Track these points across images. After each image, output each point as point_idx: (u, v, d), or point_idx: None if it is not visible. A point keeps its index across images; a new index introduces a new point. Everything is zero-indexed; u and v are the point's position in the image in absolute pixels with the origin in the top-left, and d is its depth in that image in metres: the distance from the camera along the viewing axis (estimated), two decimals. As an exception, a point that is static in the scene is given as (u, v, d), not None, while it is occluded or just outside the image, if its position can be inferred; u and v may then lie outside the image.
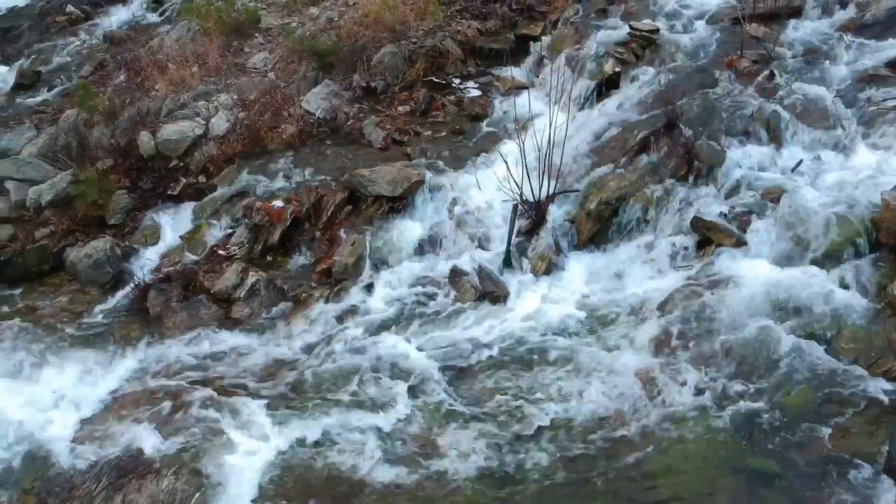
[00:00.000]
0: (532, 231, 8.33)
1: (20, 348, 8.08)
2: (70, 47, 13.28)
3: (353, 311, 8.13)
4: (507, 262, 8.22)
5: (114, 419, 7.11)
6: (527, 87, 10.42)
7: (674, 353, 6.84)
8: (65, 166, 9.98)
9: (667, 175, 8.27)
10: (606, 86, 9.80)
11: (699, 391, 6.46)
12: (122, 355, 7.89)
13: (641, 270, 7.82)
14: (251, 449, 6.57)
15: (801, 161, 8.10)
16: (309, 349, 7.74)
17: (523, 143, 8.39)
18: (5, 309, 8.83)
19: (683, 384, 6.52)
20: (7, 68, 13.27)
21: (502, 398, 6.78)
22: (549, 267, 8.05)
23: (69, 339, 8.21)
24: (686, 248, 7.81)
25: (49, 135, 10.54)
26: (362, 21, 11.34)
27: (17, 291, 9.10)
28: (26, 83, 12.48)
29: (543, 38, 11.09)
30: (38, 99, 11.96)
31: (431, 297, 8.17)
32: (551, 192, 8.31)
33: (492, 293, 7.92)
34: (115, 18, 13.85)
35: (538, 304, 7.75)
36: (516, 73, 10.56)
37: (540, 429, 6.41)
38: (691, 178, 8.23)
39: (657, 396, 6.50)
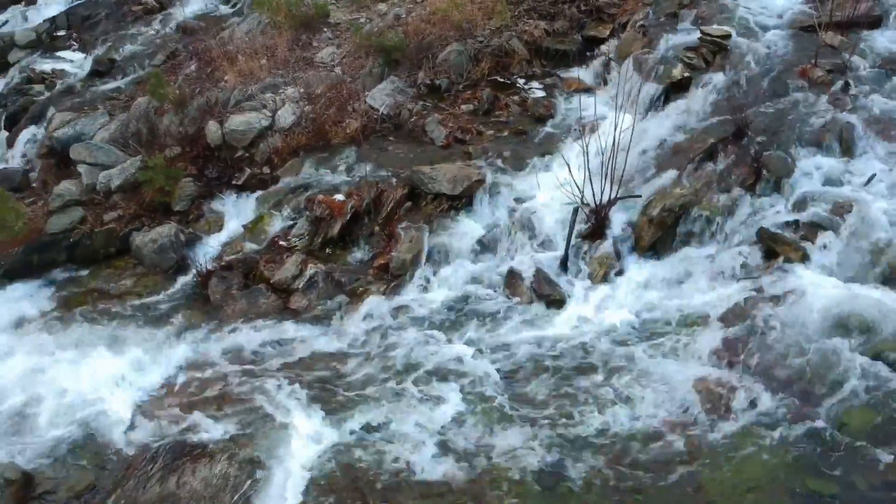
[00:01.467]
0: (592, 235, 8.25)
1: (85, 327, 8.33)
2: (144, 36, 13.60)
3: (408, 307, 8.16)
4: (565, 266, 8.16)
5: (171, 402, 7.27)
6: (592, 90, 10.31)
7: (734, 365, 6.70)
8: (134, 152, 10.23)
9: (733, 184, 8.11)
10: (674, 91, 9.63)
11: (758, 406, 6.31)
12: (181, 339, 8.06)
13: (703, 280, 7.67)
14: (304, 438, 6.64)
15: (874, 175, 7.85)
16: (363, 343, 7.79)
17: (587, 146, 8.31)
18: (73, 289, 9.11)
19: (742, 398, 6.37)
20: (84, 55, 13.66)
21: (555, 401, 6.73)
22: (607, 272, 7.96)
23: (132, 320, 8.42)
24: (750, 260, 7.64)
25: (121, 121, 10.81)
26: (430, 19, 11.35)
27: (85, 272, 9.37)
28: (102, 70, 12.83)
29: (611, 40, 10.97)
30: (112, 86, 12.27)
31: (487, 296, 8.16)
32: (613, 196, 8.21)
33: (548, 296, 7.87)
34: (189, 9, 14.13)
35: (595, 308, 7.68)
36: (582, 75, 10.46)
37: (591, 435, 6.34)
38: (758, 189, 8.06)
39: (714, 409, 6.37)
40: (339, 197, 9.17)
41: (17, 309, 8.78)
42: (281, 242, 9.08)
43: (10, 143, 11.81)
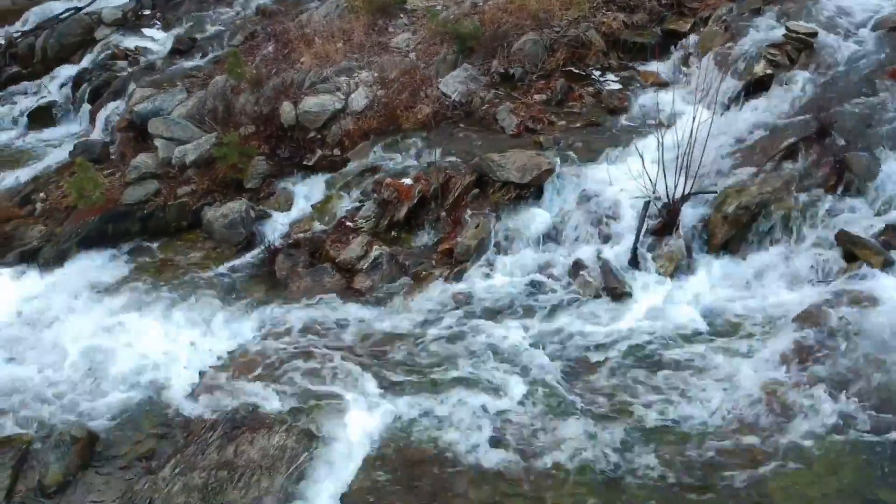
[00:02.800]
0: (662, 230, 8.07)
1: (154, 296, 8.52)
2: (224, 17, 13.88)
3: (471, 293, 8.11)
4: (633, 260, 8.00)
5: (233, 372, 7.39)
6: (669, 84, 10.09)
7: (805, 370, 6.45)
8: (210, 129, 10.43)
9: (813, 184, 7.83)
10: (755, 88, 9.35)
11: (830, 414, 6.06)
12: (246, 313, 8.18)
13: (776, 281, 7.43)
14: (361, 417, 6.66)
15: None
16: (424, 326, 7.77)
17: (661, 140, 8.13)
18: (145, 259, 9.33)
19: (813, 404, 6.13)
20: (166, 34, 14.02)
21: (617, 396, 6.60)
22: (676, 268, 7.78)
23: (200, 292, 8.57)
24: (827, 263, 7.37)
25: (198, 98, 11.04)
26: (506, 7, 11.28)
27: (156, 244, 9.60)
28: (182, 49, 13.14)
29: (692, 34, 10.72)
30: (192, 64, 12.55)
31: (551, 287, 8.05)
32: (687, 191, 8.02)
33: (614, 289, 7.72)
34: (269, -8, 14.37)
35: (662, 304, 7.50)
36: (660, 68, 10.26)
37: (653, 431, 6.20)
38: (840, 190, 7.77)
39: (783, 413, 6.14)
40: (407, 181, 9.18)
41: (91, 275, 9.04)
42: (348, 223, 9.14)
43: (93, 116, 12.20)
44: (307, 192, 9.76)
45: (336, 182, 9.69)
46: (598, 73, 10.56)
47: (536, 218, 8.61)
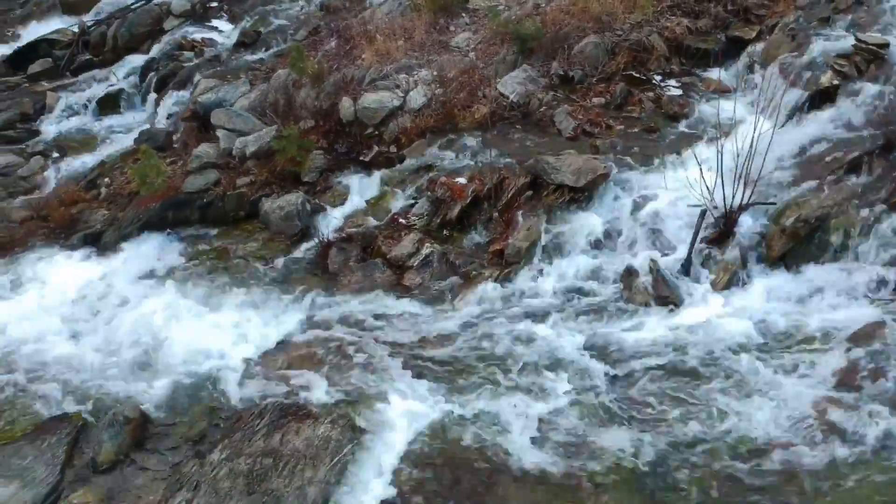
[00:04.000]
0: (718, 240, 7.96)
1: (210, 283, 8.73)
2: (289, 11, 14.07)
3: (520, 295, 8.11)
4: (686, 269, 7.90)
5: (282, 362, 7.54)
6: (731, 92, 9.91)
7: (859, 390, 6.31)
8: (271, 122, 10.60)
9: (877, 200, 7.63)
10: (820, 99, 9.12)
11: (882, 435, 5.92)
12: (298, 304, 8.32)
13: (833, 298, 7.26)
14: (406, 412, 6.73)
15: None
16: (472, 326, 7.80)
17: (721, 148, 8.01)
18: (202, 247, 9.55)
19: (866, 425, 6.00)
20: (232, 27, 14.28)
21: (663, 405, 6.54)
22: (730, 280, 7.66)
23: (254, 281, 8.75)
24: (888, 282, 7.18)
25: (261, 91, 11.23)
26: (569, 9, 11.21)
27: (214, 232, 9.81)
28: (247, 42, 13.37)
29: (757, 42, 10.49)
30: (255, 57, 12.76)
31: (601, 292, 8.00)
32: (744, 201, 7.89)
33: (665, 298, 7.64)
34: (333, -12, 14.50)
35: (713, 316, 7.39)
36: (722, 75, 10.07)
37: (699, 442, 6.13)
38: (905, 206, 7.55)
39: (834, 433, 6.02)
40: (461, 180, 9.21)
41: (150, 260, 9.30)
42: (400, 220, 9.21)
43: (158, 105, 12.50)
44: (362, 188, 9.85)
45: (391, 179, 9.76)
46: (658, 78, 10.43)
47: (589, 222, 8.56)
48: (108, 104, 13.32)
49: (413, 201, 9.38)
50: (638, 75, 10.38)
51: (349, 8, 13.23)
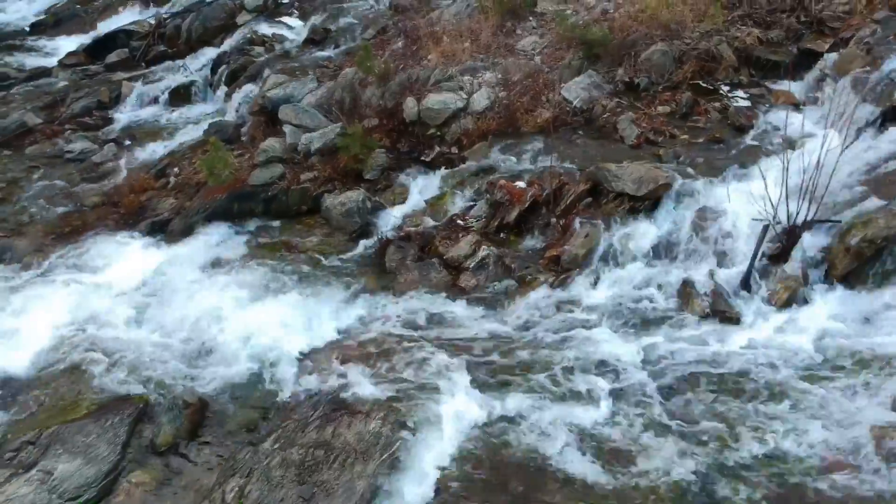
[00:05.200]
0: (779, 257, 7.83)
1: (271, 275, 8.93)
2: (358, 10, 14.25)
3: (574, 301, 8.11)
4: (746, 285, 7.79)
5: (337, 356, 7.66)
6: (800, 105, 9.74)
7: (921, 416, 6.16)
8: (336, 119, 10.79)
9: (949, 222, 7.41)
10: (893, 115, 8.90)
11: (943, 465, 5.78)
12: (354, 300, 8.46)
13: (896, 321, 7.10)
14: (455, 412, 6.80)
15: None
16: (525, 330, 7.84)
17: (787, 163, 7.88)
18: (265, 239, 9.78)
19: (926, 453, 5.86)
20: (302, 24, 14.54)
21: (714, 421, 6.47)
22: (791, 297, 7.53)
23: (313, 275, 8.93)
24: (957, 307, 6.99)
25: (328, 88, 11.42)
26: (637, 16, 11.14)
27: (277, 225, 10.03)
28: (316, 39, 13.60)
29: (829, 55, 10.26)
30: (324, 54, 12.98)
31: (656, 304, 7.95)
32: (809, 218, 7.75)
33: (722, 312, 7.56)
34: (403, -12, 14.64)
35: (771, 333, 7.29)
36: (792, 88, 9.90)
37: (749, 460, 6.06)
38: (978, 231, 7.32)
39: (891, 460, 5.88)
40: (521, 184, 9.24)
41: (215, 250, 9.55)
42: (459, 221, 9.29)
43: (228, 98, 12.81)
44: (422, 188, 9.96)
45: (451, 180, 9.84)
46: (726, 88, 10.29)
47: (649, 232, 8.50)
48: (180, 95, 13.69)
49: (472, 203, 9.44)
50: (705, 85, 10.26)
51: (418, 8, 13.35)
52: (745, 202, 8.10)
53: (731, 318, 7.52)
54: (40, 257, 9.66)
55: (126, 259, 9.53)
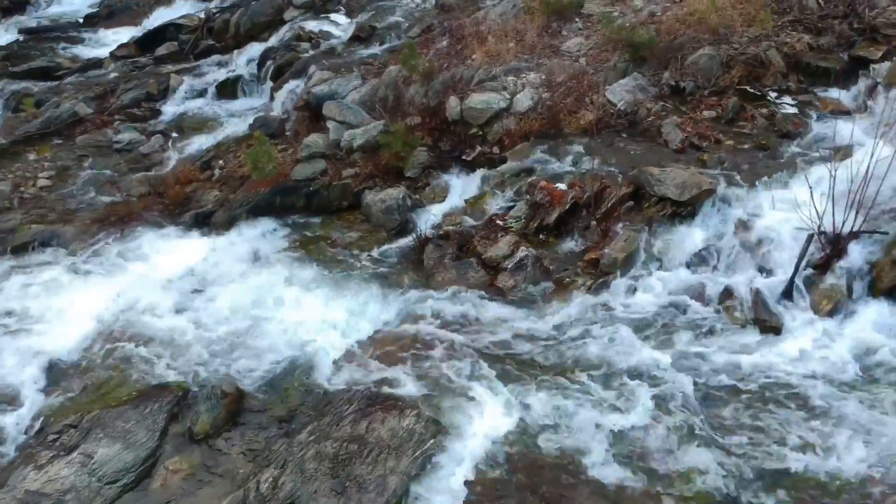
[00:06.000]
0: (824, 267, 7.71)
1: (311, 269, 9.01)
2: (404, 9, 14.30)
3: (612, 306, 8.06)
4: (788, 294, 7.69)
5: (373, 352, 7.72)
6: (850, 114, 9.55)
7: (964, 435, 6.03)
8: (379, 116, 10.85)
9: None
10: (947, 126, 8.70)
11: None
12: (392, 296, 8.50)
13: (944, 336, 6.95)
14: (489, 413, 6.82)
15: None
16: (561, 332, 7.81)
17: (835, 172, 7.74)
18: (305, 233, 9.86)
19: (968, 472, 5.73)
20: (349, 20, 14.64)
21: (751, 430, 6.41)
22: (834, 308, 7.41)
23: (352, 270, 8.99)
24: None
25: (372, 86, 11.49)
26: (685, 19, 11.02)
27: (317, 220, 10.10)
28: (362, 36, 13.69)
29: (882, 63, 10.06)
30: (369, 52, 13.06)
31: (696, 310, 7.87)
32: (855, 228, 7.61)
33: (763, 322, 7.47)
34: (449, -13, 14.66)
35: (813, 344, 7.19)
36: (842, 96, 9.72)
37: (787, 473, 6.00)
38: None
39: (933, 478, 5.78)
40: (561, 186, 9.20)
41: (256, 242, 9.64)
42: (498, 221, 9.28)
43: (274, 93, 12.95)
44: (462, 187, 9.97)
45: (491, 179, 9.83)
46: (774, 94, 10.13)
47: (690, 238, 8.42)
48: (227, 89, 13.85)
49: (512, 204, 9.43)
50: (752, 90, 10.12)
51: (463, 7, 13.35)
52: (789, 210, 8.00)
53: (771, 328, 7.42)
54: (86, 244, 9.87)
55: (170, 249, 9.69)
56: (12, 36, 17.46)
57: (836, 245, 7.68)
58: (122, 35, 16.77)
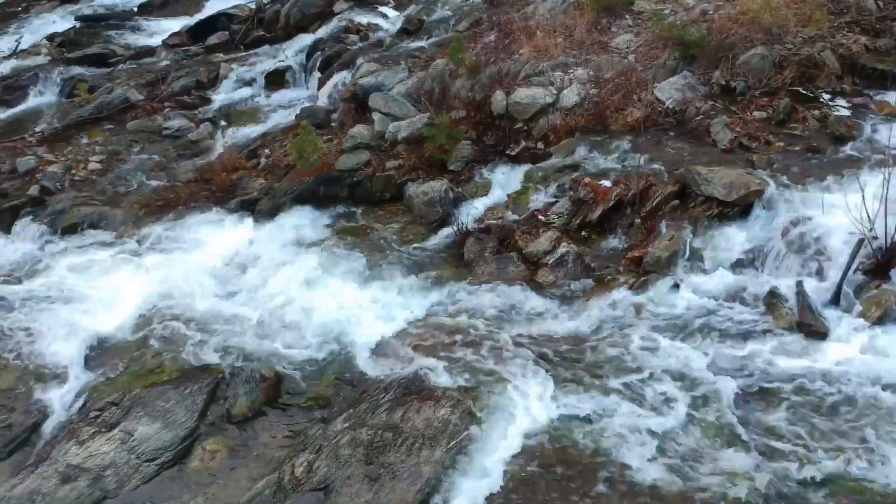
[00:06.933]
0: (874, 272, 7.52)
1: (352, 258, 9.06)
2: (453, 3, 14.29)
3: (653, 305, 7.94)
4: (836, 299, 7.51)
5: (410, 342, 7.75)
6: (907, 117, 9.32)
7: None
8: (424, 109, 10.85)
9: None
10: None
11: None
12: (431, 288, 8.51)
13: None
14: (525, 407, 6.79)
15: None
16: (601, 330, 7.74)
17: (888, 176, 7.55)
18: (347, 223, 9.91)
19: None
20: (398, 13, 14.68)
21: (792, 436, 6.28)
22: (883, 315, 7.21)
23: (392, 261, 9.02)
24: None
25: (418, 78, 11.50)
26: (737, 18, 10.83)
27: (359, 210, 10.15)
28: (410, 29, 13.71)
29: (943, 66, 9.81)
30: (417, 45, 13.06)
31: (740, 313, 7.73)
32: (908, 234, 7.42)
33: (809, 326, 7.31)
34: (498, -18, 14.62)
35: (860, 351, 7.01)
36: (899, 99, 9.49)
37: (830, 481, 5.86)
38: None
39: (981, 491, 5.61)
40: (606, 183, 9.11)
41: (299, 231, 9.73)
42: (540, 217, 9.23)
43: (321, 84, 13.04)
44: (505, 181, 9.92)
45: (535, 175, 9.79)
46: (827, 96, 9.90)
47: (736, 239, 8.28)
48: (276, 79, 13.97)
49: (554, 199, 9.36)
50: (805, 92, 9.90)
51: (513, 2, 13.30)
52: (840, 214, 7.80)
53: (817, 333, 7.26)
54: (134, 228, 10.06)
55: (215, 235, 9.83)
56: (69, 23, 17.83)
57: (888, 251, 7.49)
58: (175, 24, 17.04)
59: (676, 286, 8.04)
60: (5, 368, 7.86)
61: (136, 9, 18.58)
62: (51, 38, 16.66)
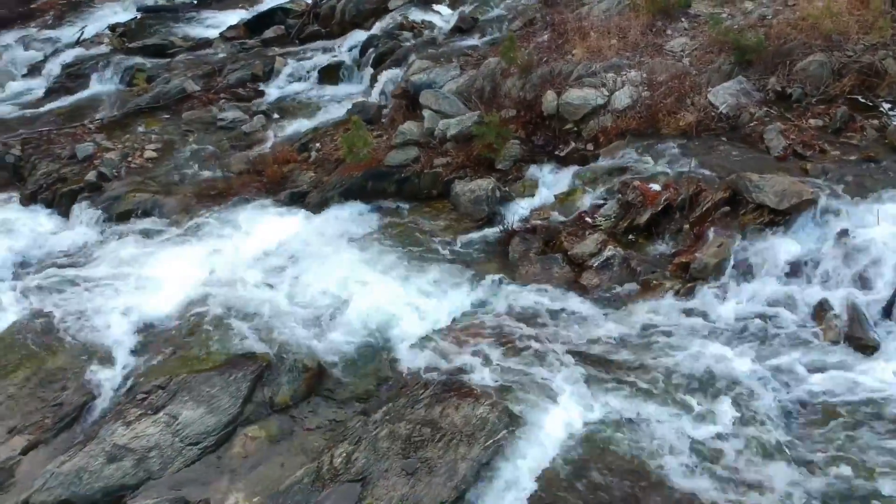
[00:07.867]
0: (928, 287, 7.34)
1: (397, 253, 9.14)
2: (508, 2, 14.28)
3: (700, 312, 7.86)
4: (888, 312, 7.35)
5: (452, 339, 7.78)
6: (971, 129, 9.05)
7: None
8: (474, 107, 10.88)
9: None
10: None
11: None
12: (475, 286, 8.53)
13: None
14: (564, 409, 6.78)
15: None
16: (646, 335, 7.67)
17: (948, 188, 7.36)
18: (394, 219, 9.99)
19: None
20: (452, 11, 14.73)
21: (838, 450, 6.16)
22: (937, 331, 7.05)
23: (437, 257, 9.07)
24: None
25: (469, 76, 11.53)
26: (797, 24, 10.63)
27: (406, 206, 10.23)
28: (463, 27, 13.74)
29: None
30: (469, 43, 13.09)
31: (787, 324, 7.61)
32: (967, 250, 7.22)
33: (859, 339, 7.15)
34: (554, -18, 14.56)
35: (911, 367, 6.85)
36: (964, 110, 9.22)
37: (873, 496, 5.74)
38: None
39: None
40: (655, 186, 9.03)
41: (347, 225, 9.85)
42: (587, 219, 9.18)
43: (373, 80, 13.14)
44: (552, 182, 9.90)
45: (583, 176, 9.73)
46: (887, 105, 9.65)
47: (786, 248, 8.12)
48: (329, 74, 14.14)
49: (602, 201, 9.31)
50: (864, 100, 9.68)
51: (567, 2, 13.23)
52: (894, 226, 7.62)
53: (867, 346, 7.11)
54: (186, 216, 10.28)
55: (264, 226, 9.98)
56: (130, 14, 18.30)
57: (944, 265, 7.30)
58: (233, 17, 17.36)
59: (723, 294, 7.93)
60: (59, 348, 8.11)
61: (195, 1, 18.96)
62: (113, 28, 17.13)
